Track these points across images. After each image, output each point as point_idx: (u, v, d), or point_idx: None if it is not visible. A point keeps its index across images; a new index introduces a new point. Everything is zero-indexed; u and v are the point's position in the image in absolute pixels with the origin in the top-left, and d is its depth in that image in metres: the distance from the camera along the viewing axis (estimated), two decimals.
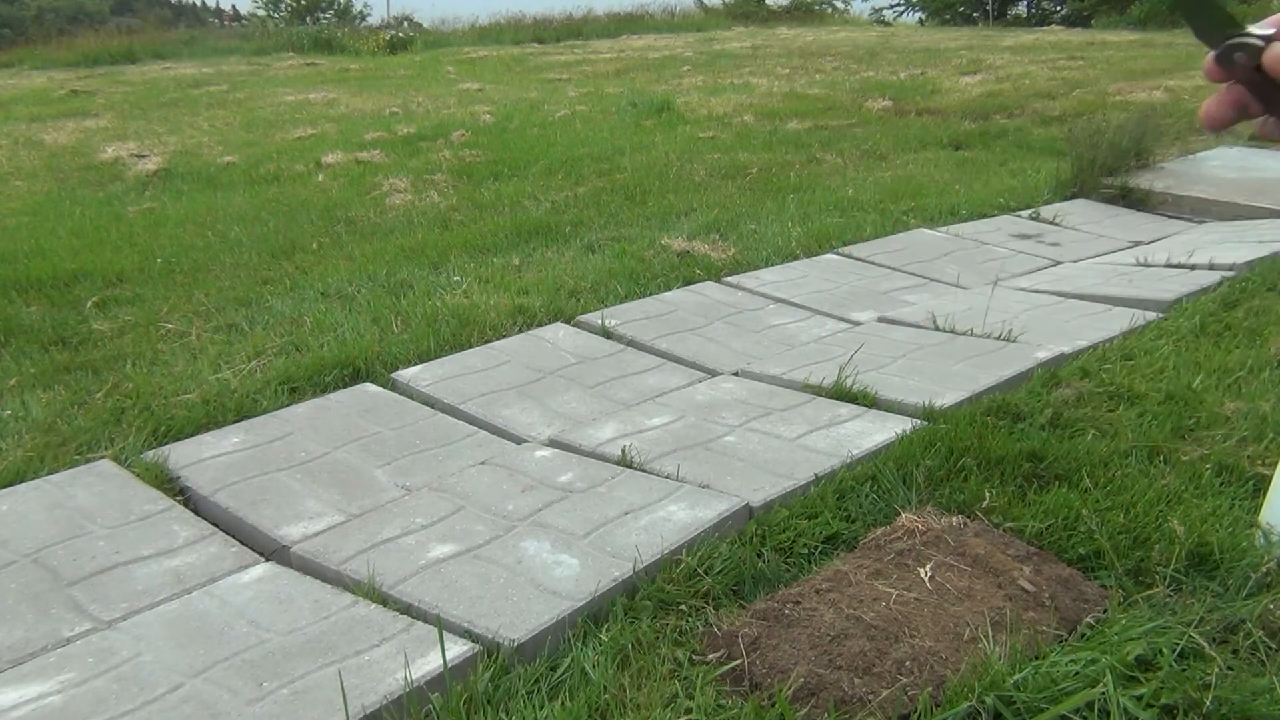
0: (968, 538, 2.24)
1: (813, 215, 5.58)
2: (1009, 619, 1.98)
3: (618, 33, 17.46)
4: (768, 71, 11.45)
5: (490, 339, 3.79)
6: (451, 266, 4.73)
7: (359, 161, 7.25)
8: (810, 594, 2.06)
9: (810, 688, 1.81)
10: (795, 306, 4.21)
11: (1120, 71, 10.02)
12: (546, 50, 15.28)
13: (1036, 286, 4.43)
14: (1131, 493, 2.40)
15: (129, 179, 7.01)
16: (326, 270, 4.74)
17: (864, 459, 2.66)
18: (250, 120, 9.39)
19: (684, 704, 1.79)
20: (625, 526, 2.35)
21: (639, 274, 4.52)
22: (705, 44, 14.93)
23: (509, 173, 6.81)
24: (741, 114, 8.74)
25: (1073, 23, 18.27)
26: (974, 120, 8.27)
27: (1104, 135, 6.27)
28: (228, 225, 5.62)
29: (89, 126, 9.24)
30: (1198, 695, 1.72)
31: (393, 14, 27.27)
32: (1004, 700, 1.73)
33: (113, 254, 5.06)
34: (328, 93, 11.03)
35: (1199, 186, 6.09)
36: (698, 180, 6.51)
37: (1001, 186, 6.26)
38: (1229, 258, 4.49)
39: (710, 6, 22.75)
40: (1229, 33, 0.62)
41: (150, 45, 15.71)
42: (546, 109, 9.35)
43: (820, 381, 3.22)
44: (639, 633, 1.98)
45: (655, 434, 2.90)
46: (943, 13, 21.90)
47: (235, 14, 33.84)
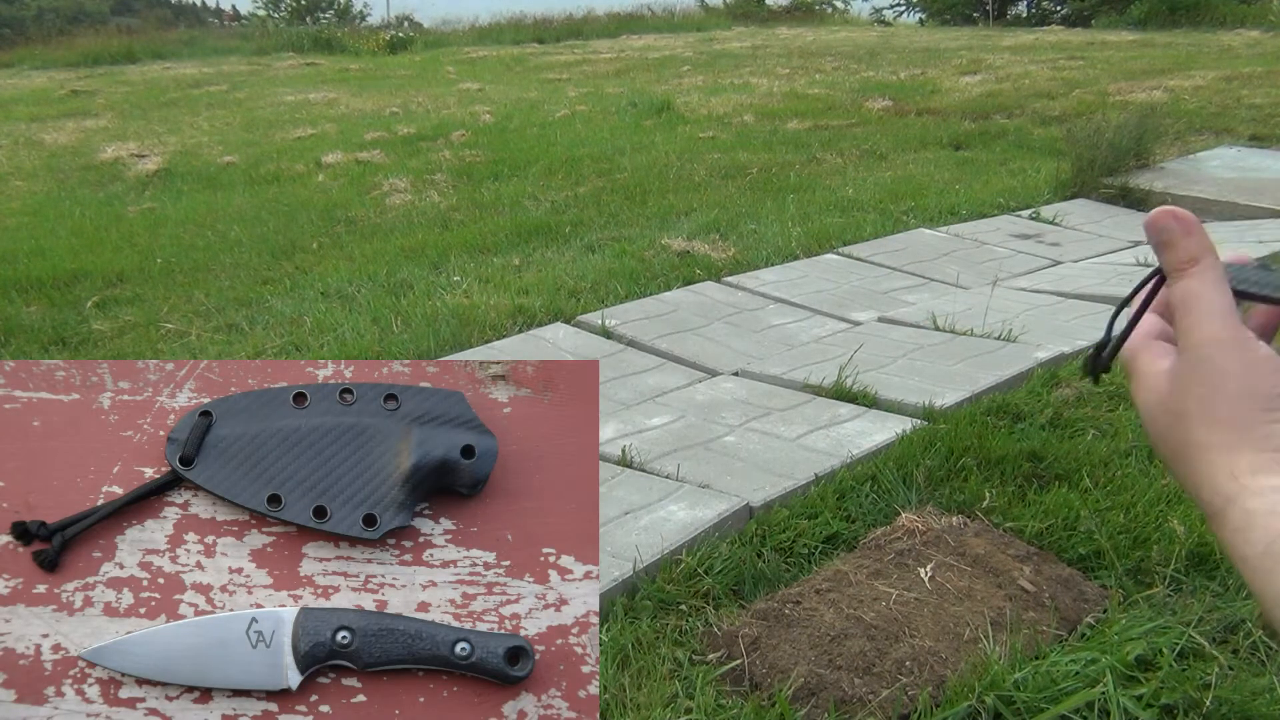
0: (968, 538, 2.24)
1: (813, 215, 5.58)
2: (1009, 619, 1.98)
3: (618, 33, 17.45)
4: (768, 71, 11.45)
5: (490, 339, 3.79)
6: (451, 266, 4.73)
7: (359, 161, 7.25)
8: (810, 594, 2.06)
9: (810, 688, 1.81)
10: (795, 306, 4.21)
11: (1120, 71, 10.01)
12: (546, 50, 15.28)
13: (1036, 286, 4.43)
14: (1131, 493, 2.40)
15: (129, 179, 7.01)
16: (326, 270, 4.74)
17: (864, 459, 2.66)
18: (250, 120, 9.39)
19: (684, 704, 1.79)
20: (625, 526, 2.35)
21: (639, 274, 4.51)
22: (705, 44, 14.93)
23: (509, 173, 6.81)
24: (741, 114, 8.74)
25: (1073, 23, 18.26)
26: (974, 120, 8.27)
27: (1104, 135, 6.27)
28: (228, 225, 5.62)
29: (89, 126, 9.24)
30: (1198, 695, 1.72)
31: (393, 14, 27.26)
32: (1004, 700, 1.73)
33: (113, 254, 5.06)
34: (328, 93, 11.03)
35: (1199, 186, 6.09)
36: (698, 180, 6.51)
37: (1001, 186, 6.26)
38: (1229, 258, 4.48)
39: (710, 6, 22.74)
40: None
41: (150, 45, 15.71)
42: (546, 109, 9.35)
43: (820, 381, 3.22)
44: (639, 633, 1.98)
45: (655, 434, 2.90)
46: (943, 13, 21.88)
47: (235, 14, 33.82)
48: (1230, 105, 8.21)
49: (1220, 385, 0.51)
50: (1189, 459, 0.53)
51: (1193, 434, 0.52)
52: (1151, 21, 16.01)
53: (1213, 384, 0.52)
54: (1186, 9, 16.18)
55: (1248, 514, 0.49)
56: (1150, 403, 0.56)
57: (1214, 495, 0.51)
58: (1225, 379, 0.51)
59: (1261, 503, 0.49)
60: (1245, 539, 0.48)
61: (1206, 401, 0.52)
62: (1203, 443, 0.52)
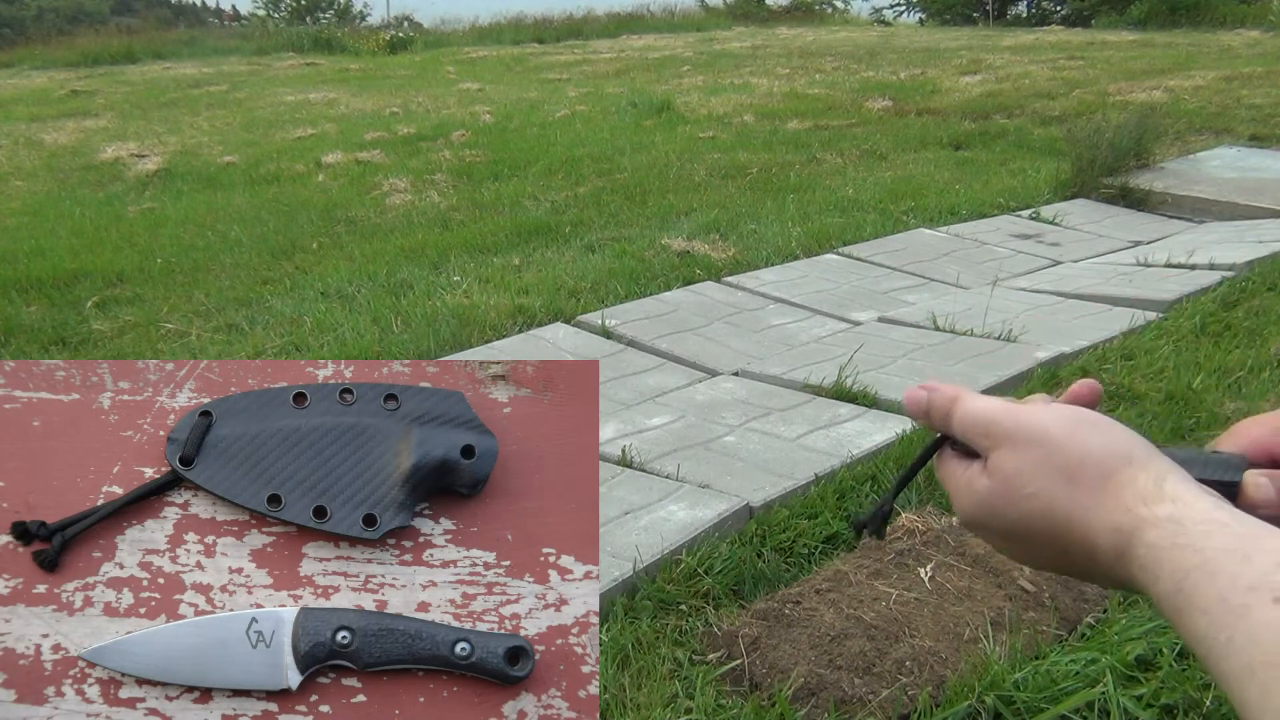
0: (968, 537, 2.24)
1: (813, 215, 5.58)
2: (1009, 619, 1.98)
3: (618, 33, 17.45)
4: (768, 71, 11.45)
5: (490, 339, 3.79)
6: (451, 266, 4.73)
7: (359, 161, 7.25)
8: (810, 594, 2.06)
9: (810, 688, 1.81)
10: (795, 306, 4.21)
11: (1120, 71, 10.01)
12: (546, 50, 15.28)
13: (1036, 286, 4.43)
14: None
15: (129, 179, 7.01)
16: (326, 270, 4.74)
17: (864, 459, 2.66)
18: (250, 120, 9.39)
19: (684, 704, 1.79)
20: (625, 526, 2.35)
21: (639, 274, 4.52)
22: (705, 44, 14.93)
23: (509, 173, 6.81)
24: (741, 114, 8.74)
25: (1073, 23, 18.25)
26: (974, 120, 8.27)
27: (1104, 135, 6.26)
28: (228, 225, 5.62)
29: (89, 126, 9.24)
30: (1198, 695, 1.72)
31: (393, 14, 27.26)
32: (1004, 700, 1.73)
33: (113, 254, 5.06)
34: (328, 93, 11.03)
35: (1199, 186, 6.09)
36: (698, 180, 6.51)
37: (1001, 186, 6.26)
38: (1229, 258, 4.49)
39: (710, 6, 22.75)
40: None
41: (150, 45, 15.70)
42: (546, 109, 9.35)
43: (820, 381, 3.23)
44: (639, 633, 1.98)
45: (655, 434, 2.90)
46: (943, 13, 21.88)
47: (235, 14, 33.84)
48: (1230, 105, 8.21)
49: (1076, 444, 0.52)
50: (1076, 519, 0.51)
51: (1071, 494, 0.51)
52: (1151, 21, 16.01)
53: (1066, 447, 0.52)
54: (1186, 9, 16.18)
55: (1151, 550, 0.47)
56: (1011, 490, 0.54)
57: (1115, 537, 0.49)
58: (1076, 438, 0.52)
59: (1161, 534, 0.47)
60: (1154, 577, 0.46)
61: (1072, 463, 0.52)
62: (1082, 500, 0.51)
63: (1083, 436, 0.52)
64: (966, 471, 0.58)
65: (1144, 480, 0.49)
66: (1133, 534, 0.48)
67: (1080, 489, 0.51)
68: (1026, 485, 0.53)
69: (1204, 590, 0.44)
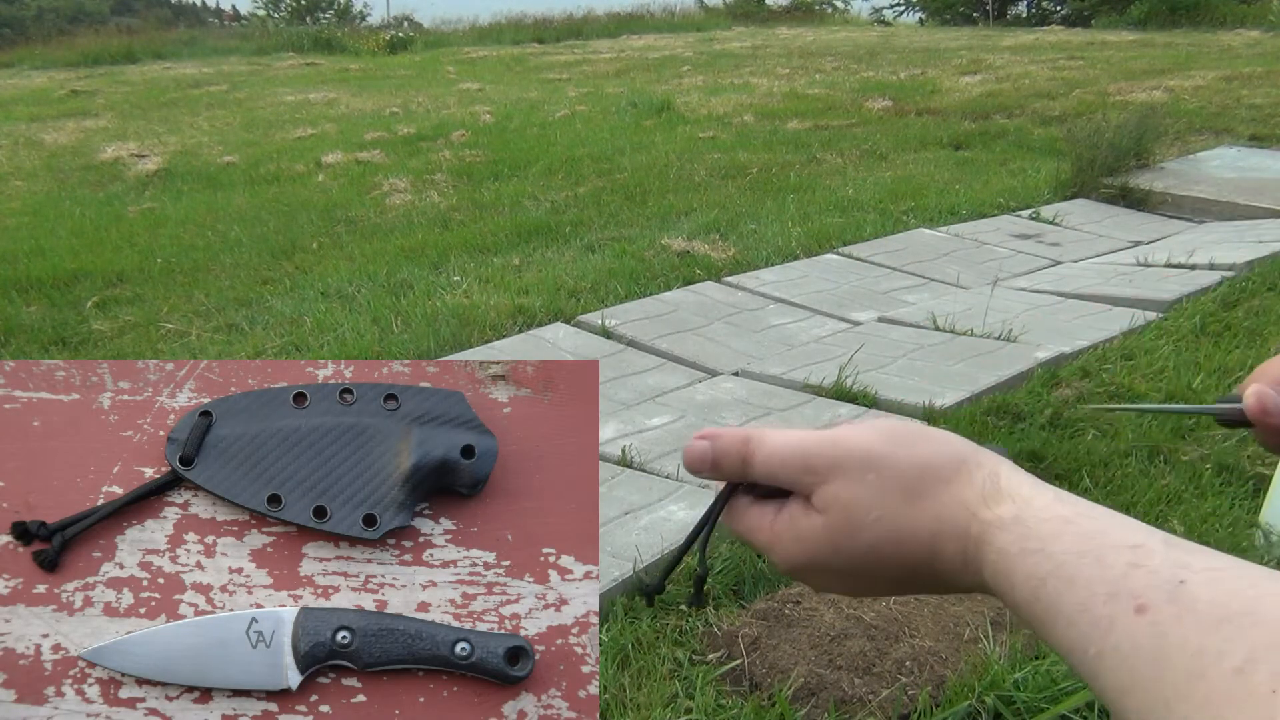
0: None
1: (813, 215, 5.58)
2: (1009, 618, 1.98)
3: (618, 33, 17.45)
4: (768, 71, 11.45)
5: (490, 339, 3.79)
6: (451, 266, 4.73)
7: (359, 161, 7.25)
8: (810, 594, 2.06)
9: (810, 688, 1.81)
10: (795, 306, 4.21)
11: (1120, 71, 10.01)
12: (546, 50, 15.28)
13: (1036, 286, 4.43)
14: (1131, 493, 2.40)
15: (129, 179, 7.01)
16: (326, 270, 4.74)
17: None
18: (250, 120, 9.39)
19: (684, 704, 1.79)
20: (625, 526, 2.35)
21: (639, 274, 4.52)
22: (705, 44, 14.93)
23: (509, 173, 6.82)
24: (741, 114, 8.74)
25: (1073, 23, 18.26)
26: (974, 120, 8.27)
27: (1104, 135, 6.27)
28: (228, 225, 5.62)
29: (89, 126, 9.25)
30: None
31: (393, 14, 27.26)
32: (1004, 700, 1.73)
33: (113, 254, 5.06)
34: (328, 93, 11.03)
35: (1199, 186, 6.09)
36: (698, 180, 6.51)
37: (1001, 186, 6.26)
38: (1229, 258, 4.49)
39: (710, 6, 22.76)
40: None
41: (150, 45, 15.71)
42: (546, 109, 9.35)
43: (820, 381, 3.23)
44: (639, 632, 1.98)
45: (655, 434, 2.90)
46: (943, 13, 21.89)
47: (235, 14, 33.84)
48: (1230, 105, 8.21)
49: (907, 458, 0.50)
50: (922, 534, 0.49)
51: (914, 509, 0.49)
52: (1151, 21, 16.01)
53: (899, 464, 0.50)
54: (1186, 9, 16.18)
55: (1002, 556, 0.45)
56: (852, 520, 0.51)
57: (961, 543, 0.47)
58: (905, 452, 0.50)
59: (1009, 539, 0.45)
60: (1009, 585, 0.45)
61: (909, 477, 0.49)
62: (925, 512, 0.49)
63: (911, 449, 0.50)
64: (780, 516, 0.54)
65: (980, 478, 0.48)
66: (980, 540, 0.47)
67: (922, 501, 0.49)
68: (869, 512, 0.50)
69: (1063, 600, 0.42)
